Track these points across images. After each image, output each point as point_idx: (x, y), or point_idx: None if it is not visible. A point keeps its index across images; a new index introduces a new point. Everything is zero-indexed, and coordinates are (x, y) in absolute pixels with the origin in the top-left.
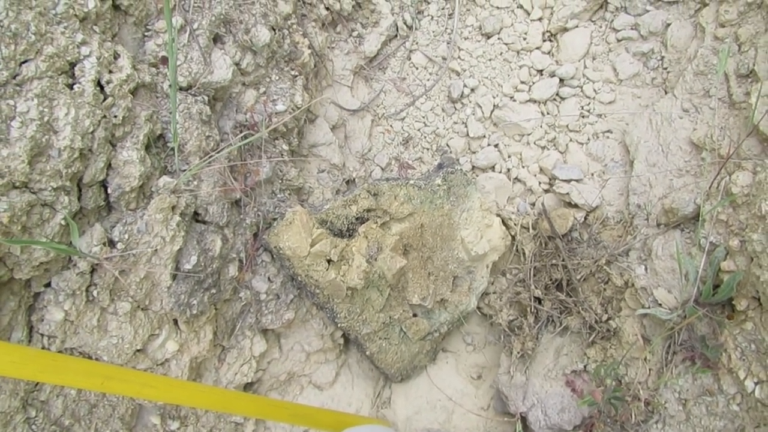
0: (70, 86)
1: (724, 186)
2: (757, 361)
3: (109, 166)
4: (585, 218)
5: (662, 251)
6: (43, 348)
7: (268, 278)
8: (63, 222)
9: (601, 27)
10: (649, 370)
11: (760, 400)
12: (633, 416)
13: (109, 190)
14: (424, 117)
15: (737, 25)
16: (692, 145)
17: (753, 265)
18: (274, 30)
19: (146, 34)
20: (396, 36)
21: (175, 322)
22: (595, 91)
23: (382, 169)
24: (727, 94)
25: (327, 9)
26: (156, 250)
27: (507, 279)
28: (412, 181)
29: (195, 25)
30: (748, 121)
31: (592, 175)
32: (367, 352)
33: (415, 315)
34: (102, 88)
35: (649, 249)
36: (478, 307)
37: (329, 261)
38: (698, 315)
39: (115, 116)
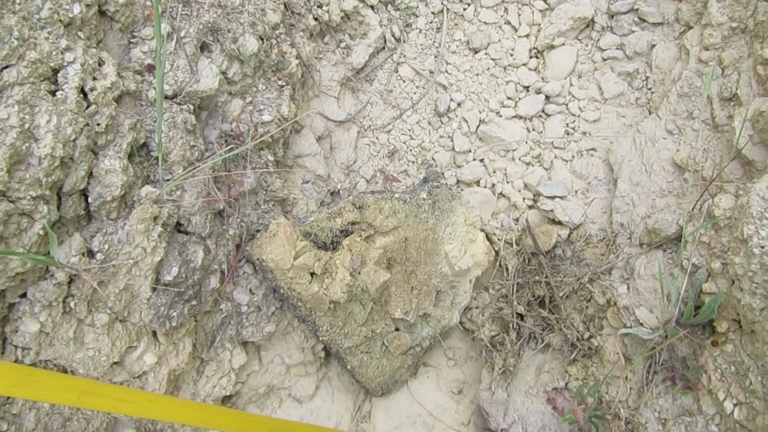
0: (53, 93)
1: (706, 208)
2: (737, 383)
3: (90, 174)
4: (568, 235)
5: (645, 271)
6: (17, 360)
7: (250, 290)
8: (41, 232)
9: (587, 46)
10: (630, 389)
11: (738, 422)
12: None
13: (89, 199)
14: (410, 130)
15: (721, 48)
16: (675, 166)
17: (734, 287)
18: (262, 39)
19: (132, 40)
20: (384, 48)
21: (154, 334)
22: (580, 108)
23: (367, 181)
24: (710, 117)
25: (315, 19)
26: (136, 261)
27: (490, 294)
28: (397, 195)
29: (182, 33)
30: (731, 144)
31: (576, 192)
32: (348, 366)
33: (397, 329)
34: (85, 95)
35: (632, 268)
36: (461, 322)
37: (312, 274)
38: (679, 336)
39: (98, 124)
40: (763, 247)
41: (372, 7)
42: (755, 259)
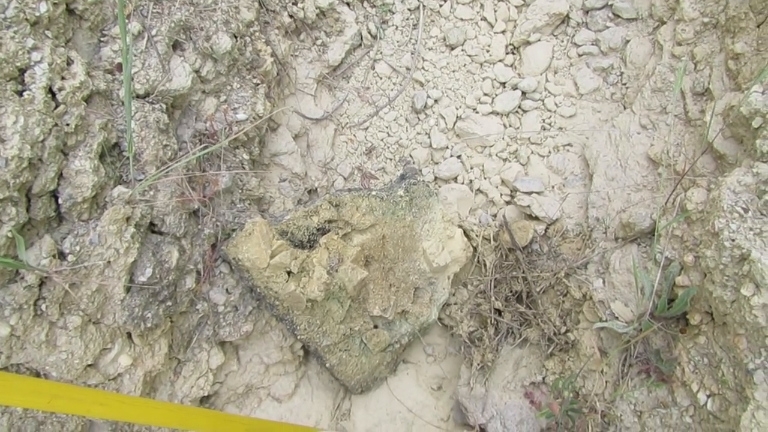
0: (20, 93)
1: (679, 202)
2: (710, 375)
3: (60, 175)
4: (545, 231)
5: (620, 265)
6: None
7: (227, 290)
8: (9, 234)
9: (562, 42)
10: (606, 382)
11: (712, 413)
12: (590, 428)
13: (60, 201)
14: (387, 127)
15: (693, 43)
16: (649, 160)
17: (706, 280)
18: (235, 37)
19: (102, 39)
20: (360, 45)
21: (129, 335)
22: (556, 104)
23: (345, 178)
24: (683, 111)
25: (291, 17)
26: (109, 262)
27: (468, 290)
28: (374, 192)
29: (153, 32)
30: (703, 138)
31: (553, 187)
32: (327, 364)
33: (375, 326)
34: (54, 95)
35: (607, 262)
36: (439, 319)
37: (289, 272)
38: (653, 329)
39: (68, 124)
40: (733, 240)
41: (348, 4)
42: (726, 252)
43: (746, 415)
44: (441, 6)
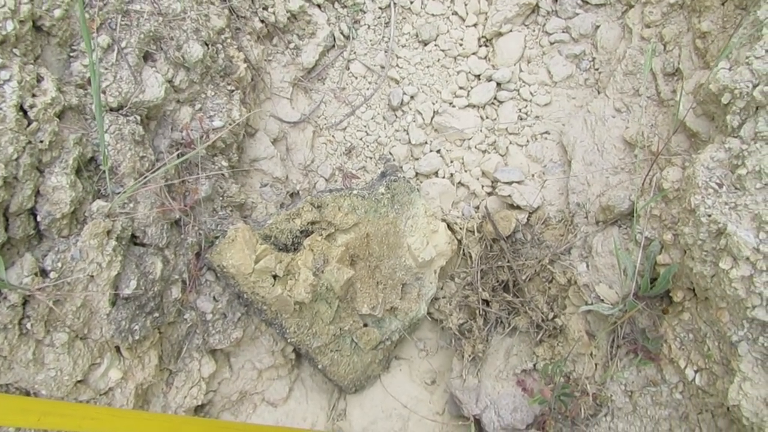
0: None
1: (656, 182)
2: (696, 350)
3: (37, 193)
4: (527, 219)
5: (602, 248)
6: None
7: (214, 297)
8: None
9: (534, 31)
10: (596, 365)
11: (700, 387)
12: (582, 411)
13: (38, 218)
14: (365, 126)
15: (661, 25)
16: (625, 143)
17: (686, 257)
18: (207, 45)
19: (72, 54)
20: (333, 46)
21: (117, 349)
22: (531, 93)
23: (326, 180)
24: (655, 93)
25: (262, 21)
26: (92, 276)
27: (455, 283)
28: (355, 191)
29: (123, 44)
30: (676, 118)
31: (533, 176)
32: (320, 366)
33: (365, 325)
34: (25, 112)
35: (590, 246)
36: (429, 313)
37: (275, 276)
38: (638, 308)
39: (41, 141)
40: (709, 216)
41: (318, 5)
42: (703, 228)
43: (733, 387)
44: (412, 3)
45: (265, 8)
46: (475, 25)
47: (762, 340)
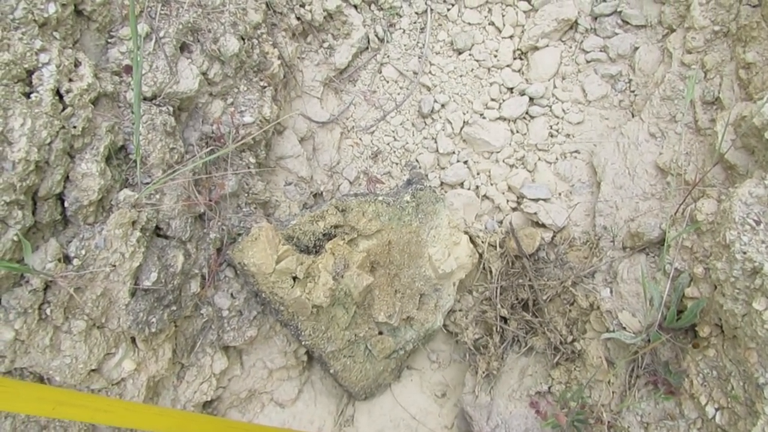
0: (27, 95)
1: (689, 213)
2: (719, 388)
3: (66, 178)
4: (552, 238)
5: (627, 275)
6: None
7: (231, 294)
8: (15, 238)
9: (570, 47)
10: (613, 393)
11: (720, 426)
12: None
13: (66, 204)
14: (393, 131)
15: (704, 52)
16: (658, 169)
17: (716, 293)
18: (243, 39)
19: (110, 41)
20: (367, 48)
21: (133, 340)
22: (563, 111)
23: (351, 182)
24: (692, 120)
25: (298, 19)
26: (114, 266)
27: (473, 297)
28: (380, 197)
29: (161, 33)
30: (713, 148)
31: (560, 194)
32: (331, 370)
33: (380, 333)
34: (61, 97)
35: (615, 272)
36: (444, 325)
37: (295, 278)
38: (662, 340)
39: (75, 127)
40: (745, 253)
41: (355, 6)
42: (737, 265)
43: (756, 430)
44: (449, 10)
45: (303, 5)
46: (511, 37)
47: None
